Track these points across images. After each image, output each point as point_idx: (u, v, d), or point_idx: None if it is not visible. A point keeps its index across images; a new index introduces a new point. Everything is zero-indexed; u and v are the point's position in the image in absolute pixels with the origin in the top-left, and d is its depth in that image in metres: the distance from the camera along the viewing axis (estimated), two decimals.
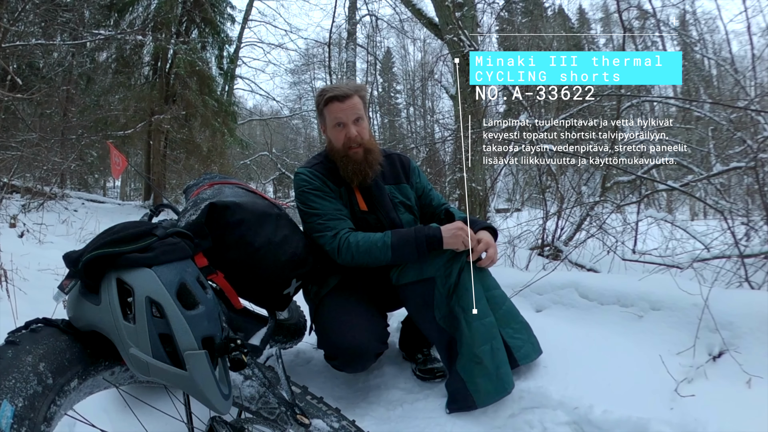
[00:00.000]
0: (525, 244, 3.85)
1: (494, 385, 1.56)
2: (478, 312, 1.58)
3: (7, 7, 6.84)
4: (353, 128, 1.77)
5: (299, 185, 1.82)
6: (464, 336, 1.58)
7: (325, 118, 1.82)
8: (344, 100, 1.75)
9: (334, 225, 1.74)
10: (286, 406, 1.33)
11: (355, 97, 1.77)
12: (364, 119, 1.81)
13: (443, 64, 8.60)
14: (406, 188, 1.95)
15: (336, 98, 1.76)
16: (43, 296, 2.03)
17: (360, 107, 1.79)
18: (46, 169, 6.87)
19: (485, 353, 1.56)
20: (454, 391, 1.63)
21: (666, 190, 3.80)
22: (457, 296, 1.61)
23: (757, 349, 1.64)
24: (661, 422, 1.35)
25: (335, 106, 1.76)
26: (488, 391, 1.56)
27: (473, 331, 1.58)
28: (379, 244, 1.65)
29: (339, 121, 1.77)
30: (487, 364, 1.55)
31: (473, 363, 1.56)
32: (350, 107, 1.76)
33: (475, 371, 1.56)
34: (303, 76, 21.84)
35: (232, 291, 1.51)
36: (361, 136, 1.78)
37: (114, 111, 10.20)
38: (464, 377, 1.58)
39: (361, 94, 1.80)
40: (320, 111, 1.84)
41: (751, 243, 2.59)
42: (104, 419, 1.33)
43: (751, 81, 5.30)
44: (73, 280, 1.00)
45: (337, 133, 1.79)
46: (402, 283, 1.73)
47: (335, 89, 1.78)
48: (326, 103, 1.78)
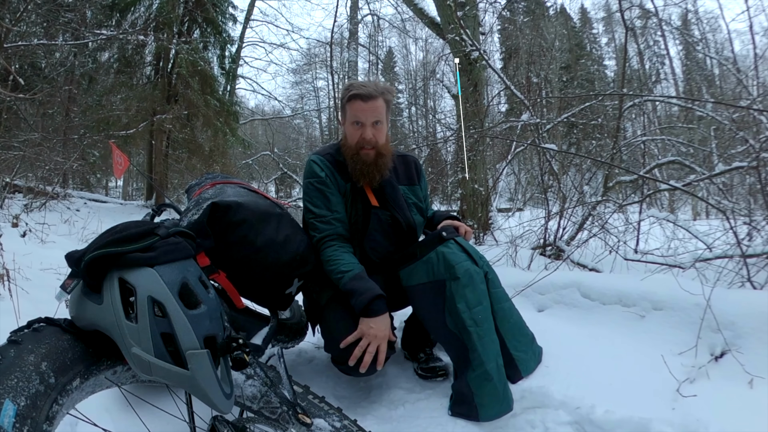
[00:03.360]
0: (527, 243, 3.84)
1: (500, 405, 1.56)
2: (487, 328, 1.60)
3: (9, 7, 6.86)
4: (370, 130, 1.76)
5: (308, 174, 1.83)
6: (476, 350, 1.58)
7: (346, 113, 1.81)
8: (367, 101, 1.74)
9: (323, 228, 1.75)
10: (287, 405, 1.33)
11: (380, 100, 1.75)
12: (383, 123, 1.79)
13: (445, 63, 8.60)
14: (417, 190, 1.96)
15: (359, 97, 1.74)
16: (45, 296, 2.03)
17: (382, 110, 1.77)
18: (48, 169, 6.89)
19: (494, 370, 1.56)
20: (460, 396, 1.62)
21: (668, 190, 3.79)
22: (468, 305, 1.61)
23: (760, 349, 1.64)
24: (662, 422, 1.35)
25: (357, 104, 1.75)
26: (493, 408, 1.56)
27: (485, 347, 1.58)
28: (338, 275, 1.68)
29: (358, 120, 1.76)
30: (496, 383, 1.55)
31: (483, 379, 1.56)
32: (371, 109, 1.75)
33: (484, 387, 1.56)
34: (305, 75, 21.91)
35: (234, 290, 1.51)
36: (376, 139, 1.77)
37: (116, 111, 10.23)
38: (474, 389, 1.57)
39: (387, 98, 1.78)
40: (342, 105, 1.82)
41: (754, 243, 2.58)
42: (106, 418, 1.33)
43: (753, 80, 5.30)
44: (75, 280, 1.00)
45: (353, 130, 1.79)
46: (411, 284, 1.73)
47: (362, 87, 1.76)
48: (349, 99, 1.77)
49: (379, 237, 1.82)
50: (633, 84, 14.12)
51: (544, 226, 3.77)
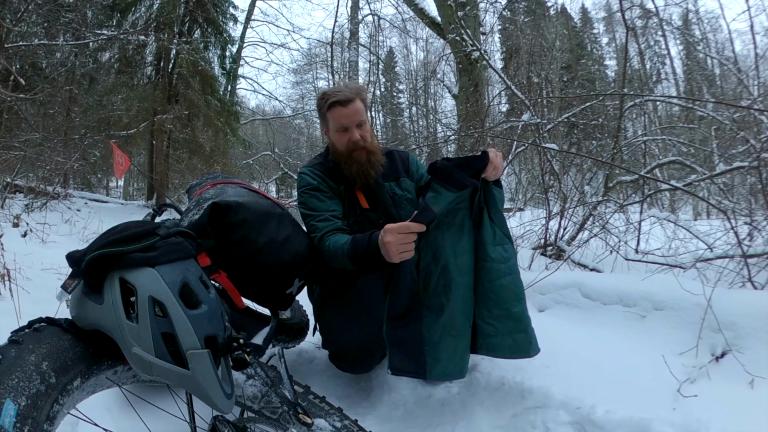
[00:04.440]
0: (528, 243, 3.85)
1: (456, 365, 1.53)
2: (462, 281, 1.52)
3: (10, 7, 6.87)
4: (356, 132, 1.77)
5: (300, 186, 1.85)
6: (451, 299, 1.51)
7: (328, 122, 1.82)
8: (347, 105, 1.75)
9: (323, 227, 1.74)
10: (288, 405, 1.33)
11: (357, 101, 1.77)
12: (366, 122, 1.82)
13: (446, 63, 8.61)
14: (405, 182, 1.95)
15: (339, 103, 1.75)
16: (46, 295, 2.04)
17: (362, 111, 1.79)
18: (49, 169, 6.90)
19: (462, 328, 1.52)
20: (402, 350, 1.55)
21: (669, 190, 3.79)
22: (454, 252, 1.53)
23: (760, 349, 1.64)
24: (663, 423, 1.35)
25: (338, 111, 1.76)
26: (446, 369, 1.53)
27: (458, 300, 1.52)
28: (339, 252, 1.58)
29: (342, 125, 1.78)
30: (460, 341, 1.52)
31: (448, 335, 1.51)
32: (353, 112, 1.76)
33: (443, 344, 1.51)
34: (305, 75, 21.90)
35: (235, 290, 1.51)
36: (363, 139, 1.79)
37: (117, 111, 10.25)
38: (426, 342, 1.52)
39: (363, 97, 1.81)
40: (323, 114, 1.84)
41: (754, 243, 2.59)
42: (107, 418, 1.33)
43: (754, 80, 5.29)
44: (76, 280, 1.00)
45: (340, 136, 1.80)
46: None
47: (338, 93, 1.77)
48: (329, 108, 1.78)
49: None
50: (634, 84, 14.09)
51: (544, 226, 3.77)
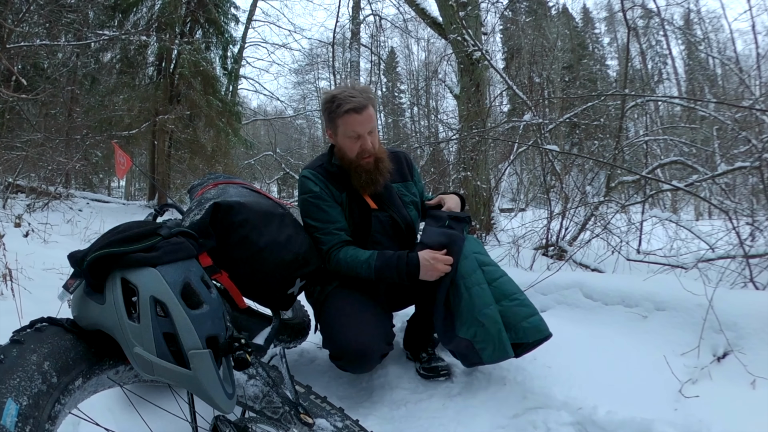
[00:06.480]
0: (529, 244, 3.84)
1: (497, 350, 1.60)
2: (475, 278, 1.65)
3: (11, 8, 6.88)
4: (369, 140, 1.76)
5: (302, 190, 1.83)
6: (464, 300, 1.63)
7: (338, 127, 1.77)
8: (362, 112, 1.73)
9: (328, 240, 1.76)
10: (289, 405, 1.33)
11: (370, 108, 1.75)
12: (376, 128, 1.80)
13: (447, 63, 8.59)
14: (411, 185, 1.96)
15: (354, 110, 1.72)
16: (47, 295, 2.04)
17: (374, 117, 1.78)
18: (50, 169, 6.90)
19: (486, 317, 1.60)
20: (463, 351, 1.68)
21: (671, 190, 3.79)
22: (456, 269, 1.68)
23: (762, 350, 1.64)
24: (665, 423, 1.35)
25: (353, 118, 1.73)
26: (491, 353, 1.61)
27: (473, 296, 1.62)
28: (364, 266, 1.72)
29: (356, 133, 1.75)
30: (489, 328, 1.59)
31: (477, 326, 1.61)
32: (367, 119, 1.74)
33: (478, 333, 1.61)
34: (307, 76, 21.95)
35: (237, 290, 1.52)
36: (374, 146, 1.78)
37: (118, 111, 10.26)
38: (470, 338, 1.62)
39: (374, 102, 1.78)
40: (332, 118, 1.78)
41: (756, 243, 2.58)
42: (108, 418, 1.33)
43: (755, 80, 5.29)
44: (77, 280, 1.00)
45: (351, 143, 1.77)
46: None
47: (352, 99, 1.72)
48: (343, 114, 1.74)
49: (381, 238, 1.83)
50: (635, 84, 14.10)
51: (546, 227, 3.77)
